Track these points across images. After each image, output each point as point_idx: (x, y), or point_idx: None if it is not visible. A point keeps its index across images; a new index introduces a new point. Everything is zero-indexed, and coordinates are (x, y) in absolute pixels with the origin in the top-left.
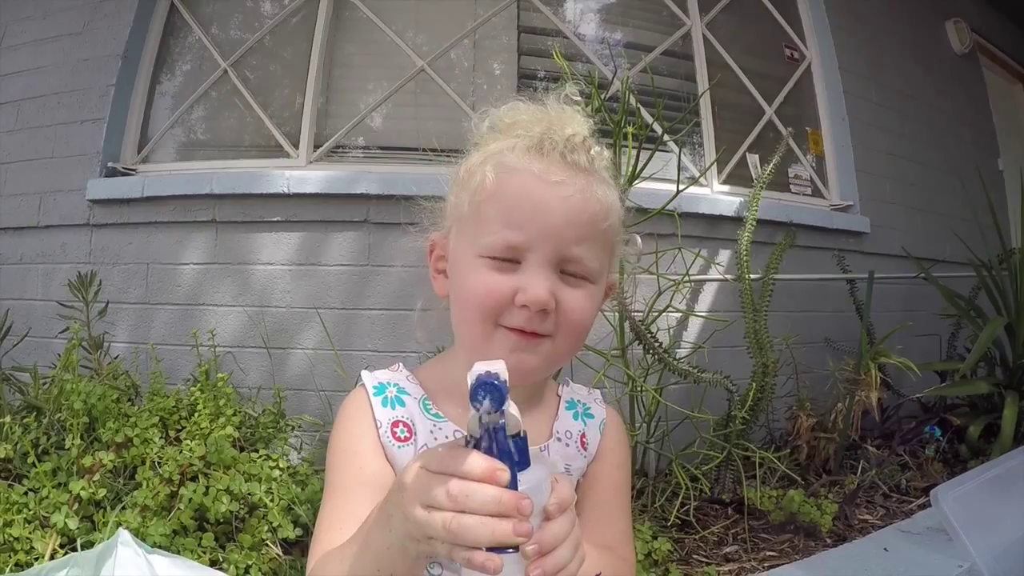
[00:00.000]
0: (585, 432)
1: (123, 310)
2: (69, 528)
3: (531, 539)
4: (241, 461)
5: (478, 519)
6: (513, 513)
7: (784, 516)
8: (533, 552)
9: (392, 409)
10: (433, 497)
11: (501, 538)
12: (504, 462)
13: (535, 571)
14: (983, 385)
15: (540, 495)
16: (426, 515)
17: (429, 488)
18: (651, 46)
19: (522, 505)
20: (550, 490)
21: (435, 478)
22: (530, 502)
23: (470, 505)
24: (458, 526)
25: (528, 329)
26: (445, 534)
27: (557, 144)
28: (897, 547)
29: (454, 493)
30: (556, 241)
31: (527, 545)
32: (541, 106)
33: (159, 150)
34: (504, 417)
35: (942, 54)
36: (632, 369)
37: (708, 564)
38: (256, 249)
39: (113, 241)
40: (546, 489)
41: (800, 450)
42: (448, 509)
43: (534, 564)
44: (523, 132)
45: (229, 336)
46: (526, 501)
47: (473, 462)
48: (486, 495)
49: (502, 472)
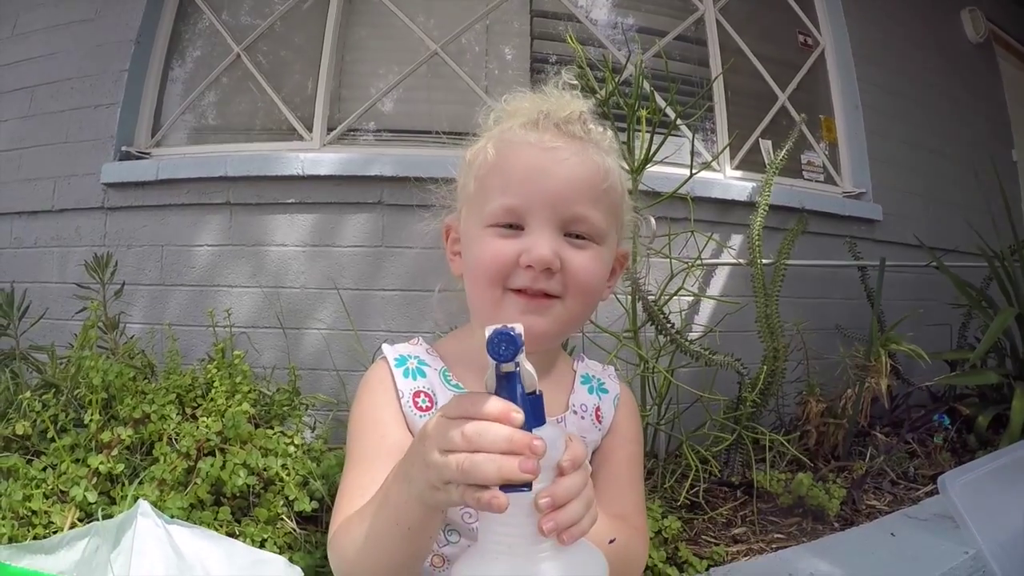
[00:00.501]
0: (600, 406)
1: (138, 292)
2: (88, 501)
3: (544, 493)
4: (257, 436)
5: (488, 456)
6: (524, 452)
7: (792, 500)
8: (546, 505)
9: (413, 380)
10: (450, 440)
11: (507, 474)
12: None
13: (548, 524)
14: (993, 375)
15: (554, 451)
16: (442, 458)
17: (446, 431)
18: (664, 31)
19: (534, 445)
20: (564, 448)
21: (453, 422)
22: (542, 443)
23: (483, 444)
24: (470, 464)
25: (535, 288)
26: (458, 474)
27: (552, 117)
28: (904, 532)
29: (469, 434)
30: (555, 203)
31: (540, 498)
32: (542, 94)
33: (173, 134)
34: (519, 369)
35: (957, 43)
36: (644, 351)
37: (717, 544)
38: (270, 231)
39: (128, 224)
40: (560, 446)
41: (809, 435)
42: (463, 450)
43: (547, 517)
44: (525, 117)
45: (243, 317)
46: (538, 442)
47: (489, 404)
48: (498, 434)
49: (516, 413)
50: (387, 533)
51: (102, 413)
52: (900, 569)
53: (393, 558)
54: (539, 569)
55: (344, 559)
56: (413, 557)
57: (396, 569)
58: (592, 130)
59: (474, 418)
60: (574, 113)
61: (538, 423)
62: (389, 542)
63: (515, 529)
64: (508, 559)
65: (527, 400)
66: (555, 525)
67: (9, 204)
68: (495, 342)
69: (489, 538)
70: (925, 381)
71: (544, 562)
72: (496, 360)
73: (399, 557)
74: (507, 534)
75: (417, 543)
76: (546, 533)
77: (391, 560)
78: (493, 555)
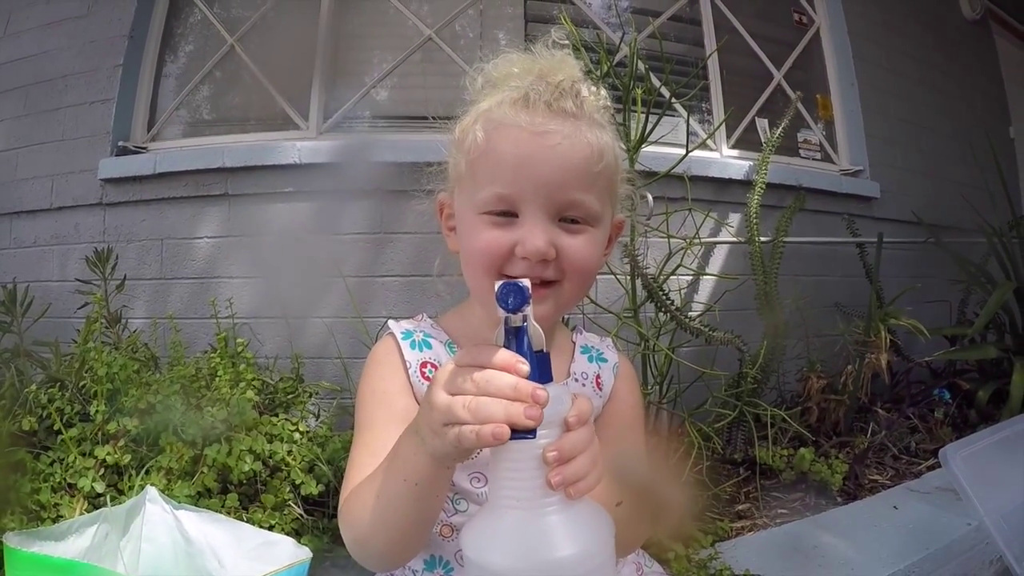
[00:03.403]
0: (600, 374)
1: (139, 286)
2: (96, 492)
3: (552, 447)
4: (263, 423)
5: (495, 399)
6: (528, 400)
7: (795, 475)
8: (553, 459)
9: (420, 351)
10: (459, 385)
11: (513, 417)
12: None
13: (555, 478)
14: (992, 350)
15: (560, 406)
16: (450, 399)
17: (456, 378)
18: (659, 11)
19: (537, 394)
20: (570, 404)
21: (463, 369)
22: (545, 393)
23: (489, 389)
24: (476, 404)
25: (531, 277)
26: (464, 412)
27: (543, 94)
28: (906, 505)
29: (477, 379)
30: (548, 191)
31: (548, 451)
32: (531, 55)
33: (169, 128)
34: (527, 325)
35: (953, 20)
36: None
37: (721, 520)
38: (269, 220)
39: (127, 219)
40: (566, 402)
41: (811, 412)
42: (471, 394)
43: (554, 471)
44: (515, 84)
45: (245, 307)
46: (541, 391)
47: (498, 354)
48: (505, 381)
49: (522, 364)
50: (395, 492)
51: (107, 405)
52: (904, 541)
53: (402, 517)
54: (547, 522)
55: (353, 523)
56: (421, 517)
57: (405, 529)
58: (585, 100)
59: (483, 367)
60: (565, 83)
61: (544, 380)
62: (398, 501)
63: (524, 483)
64: (517, 513)
65: (534, 357)
66: (563, 479)
67: (7, 204)
68: (504, 292)
69: (498, 494)
70: (925, 357)
71: (552, 515)
72: (504, 310)
73: (408, 516)
74: (516, 488)
75: (425, 501)
76: (554, 487)
77: (400, 519)
78: (502, 509)
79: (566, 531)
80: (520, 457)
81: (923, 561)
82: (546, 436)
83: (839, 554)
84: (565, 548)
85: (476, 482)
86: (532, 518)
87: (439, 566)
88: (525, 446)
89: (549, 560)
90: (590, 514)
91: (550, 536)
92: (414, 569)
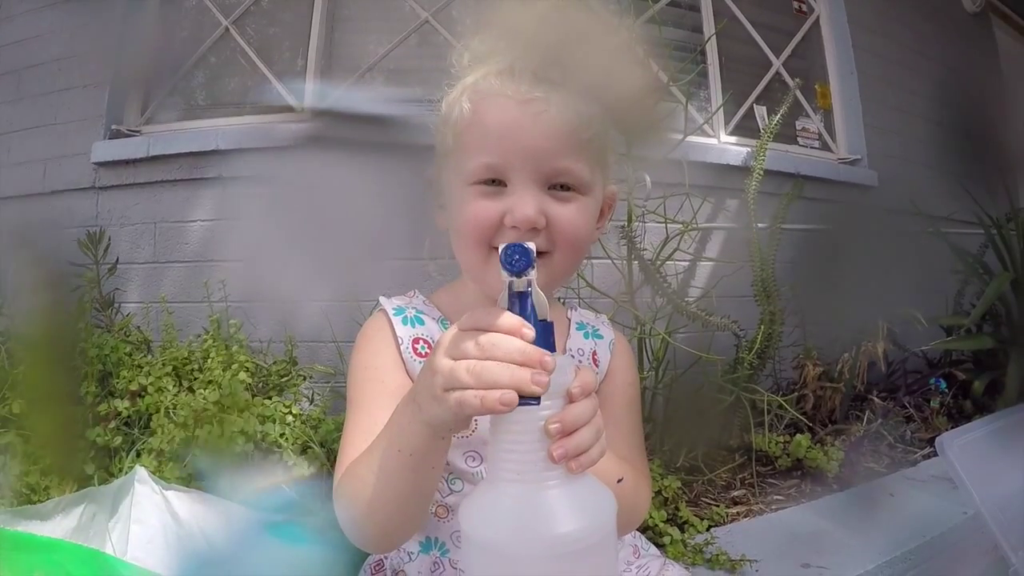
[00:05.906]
0: (596, 350)
1: (132, 270)
2: (86, 474)
3: (554, 419)
4: (255, 404)
5: (501, 364)
6: (535, 365)
7: (791, 462)
8: (556, 431)
9: (412, 327)
10: (463, 349)
11: (520, 383)
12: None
13: (558, 451)
14: (988, 340)
15: (563, 377)
16: (452, 363)
17: (460, 342)
18: None
19: (544, 360)
20: (573, 376)
21: (466, 333)
22: (552, 359)
23: (495, 353)
24: (481, 368)
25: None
26: (468, 376)
27: (529, 63)
28: (903, 493)
29: (482, 343)
30: (536, 159)
31: (550, 423)
32: (518, 26)
33: (163, 111)
34: (531, 290)
35: (954, 12)
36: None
37: (716, 506)
38: (263, 204)
39: (120, 202)
40: (569, 373)
41: (807, 399)
42: (475, 358)
43: (557, 444)
44: (501, 57)
45: (239, 291)
46: (548, 358)
47: (503, 317)
48: (511, 345)
49: (528, 329)
50: (390, 465)
51: (99, 387)
52: (899, 529)
53: (398, 492)
54: (548, 496)
55: (350, 502)
56: (417, 491)
57: (401, 504)
58: (572, 69)
59: (488, 330)
60: (551, 51)
61: (548, 350)
62: (392, 474)
63: (525, 456)
64: (517, 486)
65: (539, 324)
66: (565, 452)
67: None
68: (508, 253)
69: (498, 467)
70: (922, 347)
71: (553, 489)
72: (509, 272)
73: (404, 490)
74: (516, 461)
75: (420, 472)
76: (556, 460)
77: (396, 494)
78: (502, 483)
79: (567, 506)
80: (521, 429)
81: (919, 549)
82: (548, 408)
83: (835, 541)
84: (566, 524)
85: (471, 461)
86: (532, 492)
87: (435, 547)
88: (526, 417)
89: (549, 536)
90: (592, 490)
91: (551, 511)
92: (409, 551)
